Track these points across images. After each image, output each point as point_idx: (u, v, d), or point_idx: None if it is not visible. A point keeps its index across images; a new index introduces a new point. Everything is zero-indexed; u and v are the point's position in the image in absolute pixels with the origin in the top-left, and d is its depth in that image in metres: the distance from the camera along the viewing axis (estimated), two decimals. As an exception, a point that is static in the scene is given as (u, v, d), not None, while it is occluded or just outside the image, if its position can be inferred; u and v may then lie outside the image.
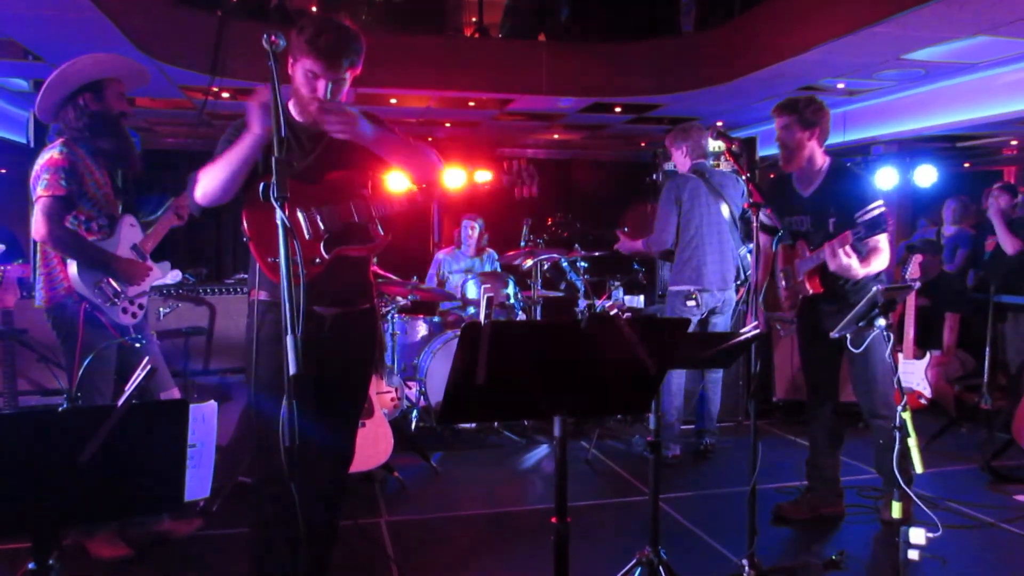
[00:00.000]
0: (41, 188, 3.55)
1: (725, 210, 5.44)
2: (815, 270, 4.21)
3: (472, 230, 7.47)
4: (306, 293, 2.32)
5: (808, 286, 4.24)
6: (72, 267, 3.61)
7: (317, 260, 2.96)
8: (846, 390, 6.55)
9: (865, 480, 4.95)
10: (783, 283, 4.46)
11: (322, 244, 2.98)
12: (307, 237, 2.97)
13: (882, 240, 4.18)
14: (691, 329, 4.60)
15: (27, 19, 5.56)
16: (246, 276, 3.16)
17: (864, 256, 4.12)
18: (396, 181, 3.29)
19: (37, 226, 3.55)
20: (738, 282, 5.60)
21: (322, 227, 3.00)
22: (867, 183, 4.25)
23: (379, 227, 3.13)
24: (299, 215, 2.96)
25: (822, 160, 4.30)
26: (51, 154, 3.61)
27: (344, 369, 3.16)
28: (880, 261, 4.17)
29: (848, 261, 3.97)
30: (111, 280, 3.70)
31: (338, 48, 2.88)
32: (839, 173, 4.27)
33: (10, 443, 2.02)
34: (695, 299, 5.38)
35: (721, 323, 5.50)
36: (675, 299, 5.47)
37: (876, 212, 4.13)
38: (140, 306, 3.86)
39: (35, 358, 4.09)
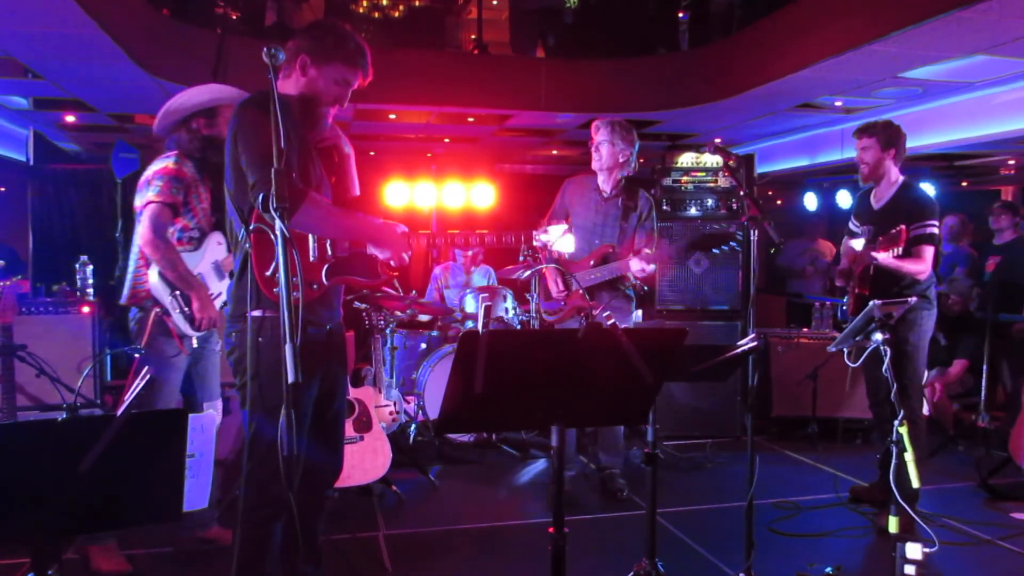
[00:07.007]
0: (152, 193, 3.65)
1: None
2: (865, 273, 4.51)
3: (464, 258, 7.50)
4: (301, 314, 2.29)
5: (858, 289, 4.55)
6: (154, 273, 3.68)
7: (315, 286, 2.87)
8: (844, 405, 6.59)
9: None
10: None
11: (324, 270, 2.90)
12: (311, 259, 2.87)
13: (926, 251, 4.47)
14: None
15: (27, 37, 5.56)
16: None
17: (905, 257, 4.36)
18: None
19: (144, 231, 3.63)
20: None
21: (329, 252, 2.91)
22: (929, 202, 4.61)
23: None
24: (310, 235, 2.88)
25: (896, 177, 4.67)
26: (166, 163, 3.73)
27: (334, 383, 3.11)
28: (915, 265, 4.44)
29: (883, 256, 4.23)
30: None
31: (367, 60, 2.94)
32: (907, 190, 4.64)
33: (10, 453, 2.03)
34: None
35: None
36: None
37: (928, 228, 4.48)
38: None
39: (34, 374, 4.10)
